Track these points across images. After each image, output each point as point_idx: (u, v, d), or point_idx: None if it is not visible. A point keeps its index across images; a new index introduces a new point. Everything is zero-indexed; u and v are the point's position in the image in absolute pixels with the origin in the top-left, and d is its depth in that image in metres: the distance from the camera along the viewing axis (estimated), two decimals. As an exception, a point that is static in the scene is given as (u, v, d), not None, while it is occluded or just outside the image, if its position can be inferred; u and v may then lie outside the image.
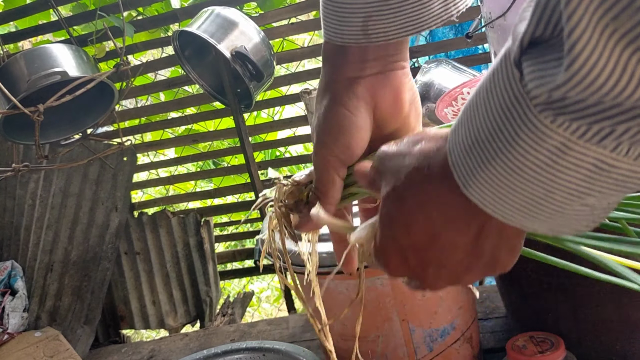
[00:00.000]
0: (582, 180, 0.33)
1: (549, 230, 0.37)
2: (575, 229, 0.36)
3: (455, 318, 1.36)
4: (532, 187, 0.34)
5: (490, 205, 0.36)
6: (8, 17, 2.41)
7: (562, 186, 0.33)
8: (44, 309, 2.35)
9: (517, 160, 0.33)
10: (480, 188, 0.36)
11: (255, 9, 2.54)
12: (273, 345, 1.60)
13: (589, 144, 0.31)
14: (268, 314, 3.55)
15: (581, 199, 0.34)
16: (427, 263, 0.43)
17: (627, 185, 0.33)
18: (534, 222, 0.36)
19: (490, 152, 0.34)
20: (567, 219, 0.35)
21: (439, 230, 0.40)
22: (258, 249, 1.46)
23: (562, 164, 0.32)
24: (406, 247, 0.42)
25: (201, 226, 2.42)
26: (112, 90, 1.96)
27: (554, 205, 0.34)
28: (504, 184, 0.35)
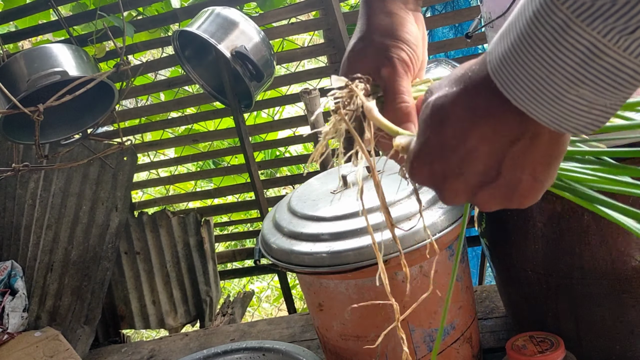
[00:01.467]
0: (577, 63, 0.36)
1: (554, 124, 0.39)
2: (578, 126, 0.39)
3: (455, 318, 1.36)
4: (538, 65, 0.37)
5: (511, 90, 0.39)
6: (8, 17, 2.41)
7: (561, 68, 0.37)
8: (44, 309, 2.35)
9: (530, 39, 0.37)
10: (506, 75, 0.39)
11: (255, 8, 2.54)
12: (273, 345, 1.60)
13: (584, 25, 0.35)
14: (268, 313, 3.55)
15: (577, 87, 0.37)
16: (449, 170, 0.44)
17: (618, 81, 0.36)
18: (538, 107, 0.39)
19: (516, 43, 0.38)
20: (568, 111, 0.38)
21: (468, 134, 0.42)
22: (258, 249, 1.46)
23: (562, 43, 0.36)
24: (435, 146, 0.44)
25: (201, 226, 2.42)
26: (112, 90, 1.96)
27: (555, 89, 0.37)
28: (518, 62, 0.38)
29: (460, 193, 0.45)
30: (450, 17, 2.04)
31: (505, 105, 0.40)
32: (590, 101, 0.37)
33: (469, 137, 0.42)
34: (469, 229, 2.20)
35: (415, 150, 0.46)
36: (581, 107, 0.38)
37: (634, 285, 1.23)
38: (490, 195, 0.44)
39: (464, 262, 1.41)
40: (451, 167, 0.44)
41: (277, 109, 3.25)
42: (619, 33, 0.35)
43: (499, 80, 0.40)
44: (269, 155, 3.29)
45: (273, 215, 1.47)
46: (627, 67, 0.36)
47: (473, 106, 0.42)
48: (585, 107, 0.38)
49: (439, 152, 0.44)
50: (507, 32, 0.40)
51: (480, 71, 0.42)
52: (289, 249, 1.31)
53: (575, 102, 0.38)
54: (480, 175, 0.43)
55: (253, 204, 2.46)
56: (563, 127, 0.39)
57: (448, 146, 0.43)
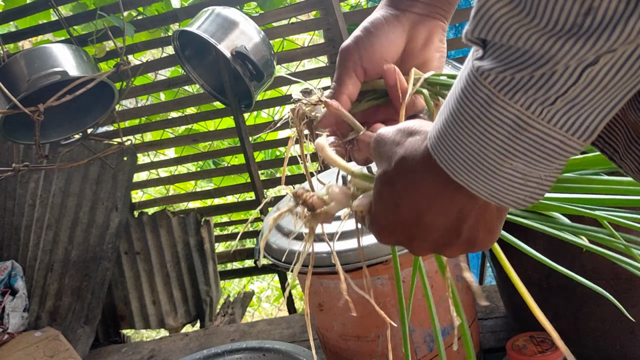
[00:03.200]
0: (505, 137, 0.37)
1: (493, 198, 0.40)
2: (516, 201, 0.40)
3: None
4: (470, 140, 0.38)
5: (449, 165, 0.40)
6: (8, 17, 2.41)
7: (491, 142, 0.37)
8: (44, 309, 2.35)
9: (460, 115, 0.38)
10: (443, 151, 0.40)
11: (255, 8, 2.54)
12: (273, 345, 1.60)
13: (507, 98, 0.35)
14: (268, 313, 3.55)
15: (510, 160, 0.37)
16: (412, 237, 0.47)
17: (547, 152, 0.36)
18: (477, 182, 0.39)
19: (449, 120, 0.40)
20: (505, 185, 0.39)
21: (423, 212, 0.45)
22: (258, 249, 1.46)
23: (489, 117, 0.37)
24: (394, 223, 0.47)
25: (201, 226, 2.42)
26: (112, 90, 1.96)
27: (490, 162, 0.38)
28: (452, 137, 0.39)
29: (427, 250, 0.49)
30: (450, 17, 2.04)
31: (451, 183, 0.41)
32: (525, 174, 0.38)
33: (424, 217, 0.45)
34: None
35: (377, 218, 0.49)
36: (517, 180, 0.38)
37: (634, 285, 1.23)
38: (452, 251, 0.48)
39: (464, 262, 1.41)
40: (414, 236, 0.47)
41: (277, 109, 3.24)
42: (541, 105, 0.35)
43: (438, 156, 0.41)
44: (269, 155, 3.29)
45: (273, 215, 1.47)
46: (554, 139, 0.36)
47: (422, 190, 0.44)
48: (521, 179, 0.38)
49: (400, 226, 0.47)
50: (443, 108, 0.41)
51: (420, 149, 0.43)
52: (289, 249, 1.31)
53: (510, 176, 0.38)
54: (442, 238, 0.46)
55: (253, 204, 2.46)
56: (503, 202, 0.40)
57: (407, 222, 0.46)
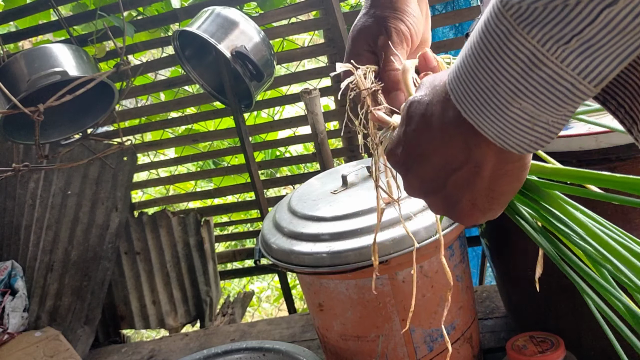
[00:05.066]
0: (518, 73, 0.36)
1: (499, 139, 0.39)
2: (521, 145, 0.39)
3: (455, 318, 1.36)
4: (485, 75, 0.38)
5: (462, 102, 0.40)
6: (8, 17, 2.41)
7: (504, 78, 0.37)
8: (44, 309, 2.35)
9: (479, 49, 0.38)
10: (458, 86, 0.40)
11: (255, 8, 2.54)
12: (273, 345, 1.60)
13: (525, 32, 0.35)
14: (268, 313, 3.55)
15: (519, 99, 0.37)
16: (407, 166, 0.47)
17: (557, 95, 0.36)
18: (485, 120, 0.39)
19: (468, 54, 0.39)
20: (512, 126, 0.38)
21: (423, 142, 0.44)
22: (258, 249, 1.46)
23: (505, 51, 0.36)
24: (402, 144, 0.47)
25: (201, 226, 2.42)
26: (112, 90, 1.96)
27: (499, 100, 0.37)
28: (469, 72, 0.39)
29: (415, 188, 0.48)
30: (450, 17, 2.04)
31: (457, 123, 0.41)
32: (533, 116, 0.37)
33: (422, 143, 0.44)
34: (469, 229, 2.20)
35: (393, 138, 0.49)
36: (524, 123, 0.38)
37: (634, 285, 1.23)
38: (433, 202, 0.47)
39: (464, 262, 1.41)
40: (409, 162, 0.46)
41: (277, 109, 3.24)
42: (556, 43, 0.34)
43: (453, 91, 0.41)
44: (269, 155, 3.29)
45: (273, 215, 1.47)
46: (565, 80, 0.35)
47: (431, 120, 0.43)
48: (529, 122, 0.38)
49: (403, 148, 0.47)
50: (465, 45, 0.40)
51: (442, 81, 0.43)
52: (289, 249, 1.31)
53: (518, 117, 0.38)
54: (429, 181, 0.46)
55: (253, 204, 2.46)
56: (507, 144, 0.39)
57: (409, 146, 0.46)
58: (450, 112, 0.41)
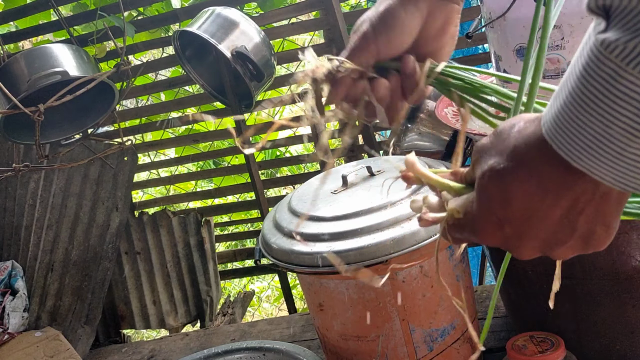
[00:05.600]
0: (633, 113, 0.34)
1: (619, 184, 0.38)
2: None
3: (455, 318, 1.36)
4: (593, 120, 0.36)
5: (569, 151, 0.38)
6: (8, 17, 2.41)
7: (617, 119, 0.35)
8: (45, 309, 2.35)
9: (582, 94, 0.36)
10: (561, 135, 0.38)
11: (255, 9, 2.54)
12: (273, 345, 1.60)
13: (636, 72, 0.33)
14: (268, 313, 3.55)
15: (637, 139, 0.35)
16: (521, 235, 0.44)
17: None
18: (600, 167, 0.37)
19: (568, 100, 0.37)
20: (631, 167, 0.36)
21: (536, 205, 0.42)
22: (258, 249, 1.46)
23: (615, 93, 0.35)
24: (503, 219, 0.44)
25: (202, 226, 2.42)
26: (112, 90, 1.96)
27: (614, 144, 0.36)
28: (572, 119, 0.37)
29: (536, 250, 0.45)
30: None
31: (571, 171, 0.39)
32: None
33: (537, 208, 0.42)
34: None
35: (482, 215, 0.46)
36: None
37: (634, 285, 1.23)
38: (565, 250, 0.45)
39: (464, 262, 1.41)
40: (523, 233, 0.44)
41: (278, 109, 3.24)
42: None
43: (555, 141, 0.39)
44: (269, 155, 3.29)
45: (273, 215, 1.47)
46: None
47: (535, 179, 0.41)
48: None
49: (510, 220, 0.44)
50: (560, 91, 0.39)
51: (534, 136, 0.41)
52: (289, 249, 1.31)
53: (636, 156, 0.36)
54: (554, 234, 0.43)
55: (253, 204, 2.46)
56: (629, 186, 0.37)
57: (518, 216, 0.43)
58: (557, 166, 0.39)
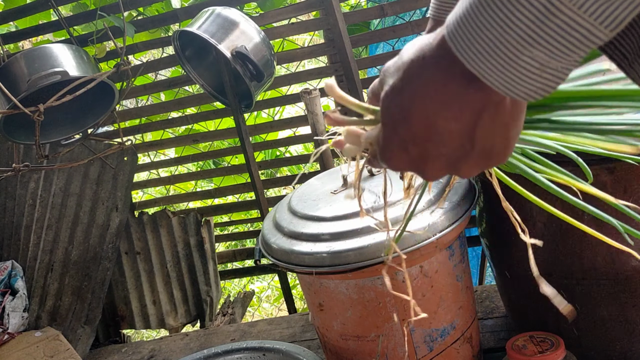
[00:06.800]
0: (532, 21, 0.35)
1: (505, 89, 0.38)
2: (528, 92, 0.38)
3: (455, 318, 1.36)
4: (493, 24, 0.36)
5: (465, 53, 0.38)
6: (8, 17, 2.41)
7: (516, 26, 0.36)
8: (44, 309, 2.35)
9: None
10: (461, 37, 0.38)
11: (255, 9, 2.54)
12: (273, 345, 1.60)
13: None
14: (268, 313, 3.55)
15: (531, 48, 0.36)
16: (425, 155, 0.45)
17: (571, 41, 0.35)
18: (491, 71, 0.38)
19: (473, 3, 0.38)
20: (521, 75, 0.37)
21: (435, 118, 0.42)
22: (258, 249, 1.46)
23: (518, 0, 0.35)
24: (406, 139, 0.44)
25: (202, 226, 2.42)
26: (112, 90, 1.96)
27: (509, 50, 0.37)
28: (474, 22, 0.38)
29: (442, 169, 0.46)
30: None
31: (465, 77, 0.40)
32: (543, 64, 0.37)
33: (437, 123, 0.42)
34: (469, 229, 2.20)
35: (387, 140, 0.46)
36: (533, 71, 0.37)
37: (633, 285, 1.23)
38: (470, 165, 0.45)
39: (464, 262, 1.41)
40: (426, 149, 0.44)
41: (278, 109, 3.25)
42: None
43: (455, 43, 0.39)
44: (269, 155, 3.29)
45: (273, 215, 1.48)
46: (581, 27, 0.35)
47: (433, 89, 0.41)
48: (537, 70, 0.37)
49: (412, 141, 0.44)
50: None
51: (434, 43, 0.41)
52: (289, 249, 1.31)
53: (528, 65, 0.37)
54: (457, 149, 0.44)
55: (253, 204, 2.46)
56: (513, 92, 0.38)
57: (419, 133, 0.44)
58: (454, 74, 0.40)
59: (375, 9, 2.06)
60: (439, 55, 0.41)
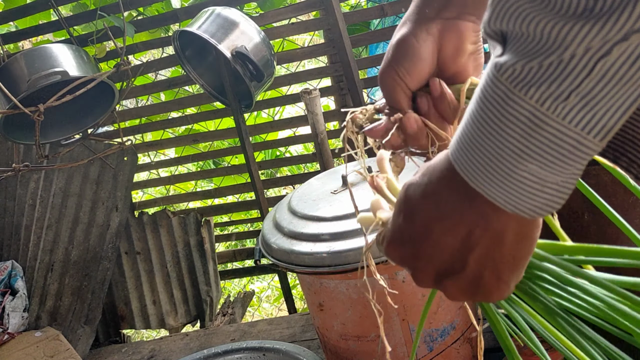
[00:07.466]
0: (521, 135, 0.36)
1: (510, 205, 0.38)
2: (534, 207, 0.38)
3: (455, 318, 1.36)
4: (487, 142, 0.37)
5: (467, 171, 0.39)
6: (8, 17, 2.41)
7: (506, 141, 0.36)
8: (44, 309, 2.35)
9: (479, 116, 0.37)
10: (462, 156, 0.39)
11: (255, 9, 2.54)
12: (273, 344, 1.60)
13: (522, 94, 0.35)
14: (268, 313, 3.55)
15: (525, 161, 0.36)
16: (417, 255, 0.45)
17: (562, 152, 0.35)
18: (492, 187, 0.38)
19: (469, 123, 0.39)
20: (521, 190, 0.37)
21: (433, 225, 0.43)
22: (258, 249, 1.46)
23: (505, 115, 0.36)
24: (405, 234, 0.45)
25: (201, 226, 2.42)
26: (112, 90, 1.96)
27: (505, 164, 0.37)
28: (472, 141, 0.38)
29: (430, 279, 0.45)
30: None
31: (468, 194, 0.40)
32: (541, 177, 0.36)
33: (434, 229, 0.43)
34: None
35: (390, 233, 0.47)
36: (533, 185, 0.37)
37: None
38: (455, 286, 0.44)
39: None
40: (420, 252, 0.44)
41: (278, 109, 3.25)
42: (555, 100, 0.34)
43: (457, 163, 0.40)
44: (269, 155, 3.29)
45: (273, 215, 1.47)
46: (569, 137, 0.34)
47: (437, 199, 0.42)
48: (537, 184, 0.37)
49: (409, 239, 0.45)
50: (465, 115, 0.40)
51: (443, 159, 0.42)
52: (290, 249, 1.31)
53: (526, 179, 0.37)
54: (447, 264, 0.43)
55: (253, 204, 2.46)
56: (518, 209, 0.38)
57: (417, 235, 0.44)
58: (456, 185, 0.40)
59: (375, 9, 2.07)
60: (445, 170, 0.41)
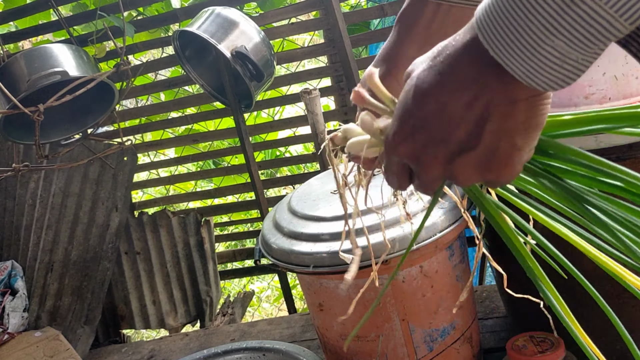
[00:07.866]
0: (555, 10, 0.36)
1: (527, 77, 0.39)
2: (548, 81, 0.39)
3: (455, 318, 1.36)
4: (519, 13, 0.38)
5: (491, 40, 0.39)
6: (8, 17, 2.41)
7: (539, 15, 0.37)
8: (44, 309, 2.35)
9: None
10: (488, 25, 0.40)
11: (255, 9, 2.54)
12: (273, 345, 1.60)
13: None
14: (268, 313, 3.55)
15: (553, 37, 0.37)
16: (431, 138, 0.44)
17: (592, 32, 0.36)
18: (514, 59, 0.39)
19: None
20: (541, 64, 0.38)
21: (448, 99, 0.42)
22: (258, 249, 1.46)
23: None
24: (417, 121, 0.44)
25: (201, 226, 2.42)
26: (112, 90, 1.96)
27: (532, 38, 0.38)
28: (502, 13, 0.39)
29: (439, 162, 0.45)
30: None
31: (488, 67, 0.41)
32: (563, 54, 0.38)
33: (449, 104, 0.43)
34: (469, 229, 2.20)
35: (397, 124, 0.46)
36: (554, 60, 0.38)
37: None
38: (469, 163, 0.44)
39: (464, 262, 1.41)
40: (432, 134, 0.44)
41: (277, 109, 3.24)
42: None
43: (482, 31, 0.40)
44: (269, 155, 3.29)
45: (273, 215, 1.47)
46: (602, 18, 0.36)
47: (454, 71, 0.42)
48: (558, 60, 0.38)
49: (421, 123, 0.44)
50: None
51: (466, 32, 0.42)
52: (289, 249, 1.31)
53: (549, 54, 0.38)
54: (461, 142, 0.43)
55: (253, 204, 2.46)
56: (534, 81, 0.39)
57: (431, 114, 0.44)
58: (476, 55, 0.41)
59: (375, 9, 2.07)
60: (467, 41, 0.42)
